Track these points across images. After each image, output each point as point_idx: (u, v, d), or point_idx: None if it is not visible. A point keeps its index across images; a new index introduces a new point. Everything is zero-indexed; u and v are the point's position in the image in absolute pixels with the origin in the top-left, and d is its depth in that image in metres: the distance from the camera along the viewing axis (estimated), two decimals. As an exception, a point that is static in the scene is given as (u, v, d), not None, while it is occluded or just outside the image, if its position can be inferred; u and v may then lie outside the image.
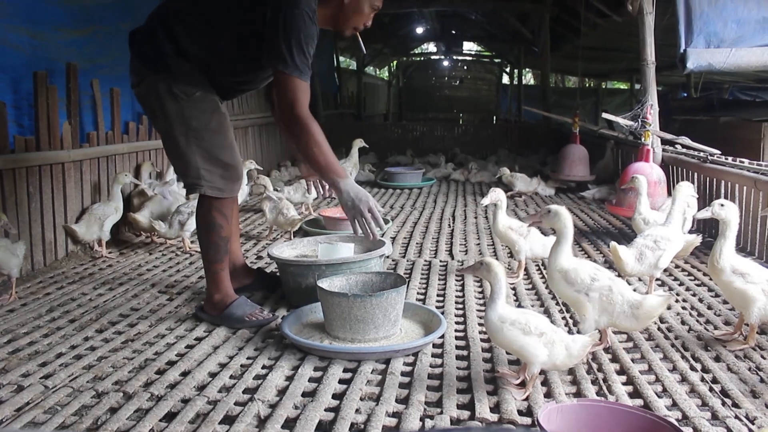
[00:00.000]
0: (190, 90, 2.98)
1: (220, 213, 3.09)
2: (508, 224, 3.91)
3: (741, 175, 4.49)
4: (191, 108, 2.99)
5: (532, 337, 2.31)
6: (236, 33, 2.95)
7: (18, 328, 3.08)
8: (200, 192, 3.06)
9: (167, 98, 2.97)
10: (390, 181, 8.12)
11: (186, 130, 3.00)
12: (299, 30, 2.77)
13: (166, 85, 2.96)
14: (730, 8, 5.36)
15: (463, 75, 21.79)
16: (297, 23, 2.76)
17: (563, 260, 2.68)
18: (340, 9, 3.00)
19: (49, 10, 4.46)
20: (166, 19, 2.99)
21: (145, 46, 3.02)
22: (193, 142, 3.01)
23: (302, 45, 2.79)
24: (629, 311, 2.59)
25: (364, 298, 2.75)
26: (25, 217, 4.04)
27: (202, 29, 2.96)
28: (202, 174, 3.03)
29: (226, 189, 3.10)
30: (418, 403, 2.29)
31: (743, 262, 2.81)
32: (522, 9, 12.07)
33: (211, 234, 3.11)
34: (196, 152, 3.02)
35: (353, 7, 3.00)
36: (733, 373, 2.57)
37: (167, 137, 3.10)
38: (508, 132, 12.56)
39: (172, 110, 2.98)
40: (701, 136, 5.99)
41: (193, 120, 2.99)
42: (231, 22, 2.95)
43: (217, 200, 3.08)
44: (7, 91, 4.09)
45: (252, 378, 2.53)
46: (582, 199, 6.98)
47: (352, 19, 3.05)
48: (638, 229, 4.08)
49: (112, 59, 5.23)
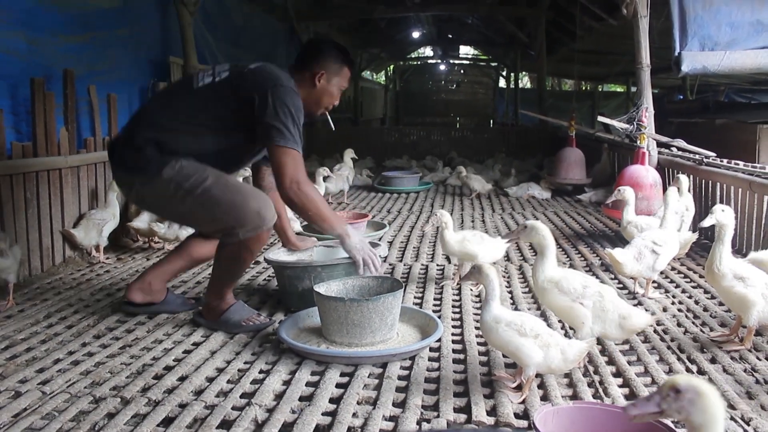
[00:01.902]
0: (177, 164, 2.97)
1: (249, 250, 3.05)
2: (460, 237, 3.78)
3: (736, 177, 4.51)
4: (185, 176, 2.95)
5: (528, 338, 2.31)
6: (223, 126, 3.04)
7: (15, 334, 3.08)
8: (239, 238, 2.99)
9: (162, 188, 2.96)
10: (387, 186, 8.14)
11: (195, 197, 2.95)
12: (290, 105, 2.93)
13: (157, 179, 2.96)
14: (724, 12, 5.39)
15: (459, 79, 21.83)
16: (286, 99, 2.93)
17: (550, 271, 2.68)
18: (311, 93, 3.21)
19: (47, 16, 4.48)
20: (149, 133, 3.00)
21: (133, 160, 3.01)
22: (210, 201, 2.96)
23: (294, 118, 2.94)
24: (618, 321, 2.60)
25: (360, 303, 2.76)
26: (23, 223, 4.04)
27: (188, 131, 3.01)
28: (244, 217, 2.95)
29: (262, 222, 3.01)
30: (415, 407, 2.29)
31: (742, 265, 2.82)
32: (518, 13, 12.11)
33: (237, 266, 3.12)
34: (222, 205, 2.95)
35: (324, 90, 3.23)
36: (728, 374, 2.58)
37: (188, 217, 3.12)
38: (504, 135, 12.60)
39: (171, 193, 2.96)
40: (697, 138, 6.02)
41: (192, 180, 2.95)
42: (216, 117, 3.03)
43: (250, 240, 3.00)
44: (4, 97, 4.10)
45: (249, 382, 2.53)
46: (579, 202, 7.00)
47: (323, 100, 3.28)
48: (630, 236, 4.10)
49: (109, 65, 5.26)
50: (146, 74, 5.85)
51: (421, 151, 11.56)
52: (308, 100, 3.19)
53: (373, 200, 7.42)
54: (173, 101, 3.11)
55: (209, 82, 3.05)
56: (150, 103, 3.23)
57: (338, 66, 3.24)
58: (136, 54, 5.67)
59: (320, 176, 6.34)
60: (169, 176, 2.93)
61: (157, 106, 3.17)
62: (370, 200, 7.43)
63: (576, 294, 2.61)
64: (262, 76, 2.99)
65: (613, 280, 3.92)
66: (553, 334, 2.38)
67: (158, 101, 3.24)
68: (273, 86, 2.93)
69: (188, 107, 3.04)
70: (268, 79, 2.97)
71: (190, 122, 3.01)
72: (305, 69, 3.20)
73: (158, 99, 3.26)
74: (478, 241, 3.76)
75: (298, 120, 2.97)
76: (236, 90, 3.00)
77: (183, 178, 2.93)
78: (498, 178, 8.71)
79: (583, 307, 2.60)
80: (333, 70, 3.22)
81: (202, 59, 6.91)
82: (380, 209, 6.74)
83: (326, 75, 3.20)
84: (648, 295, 3.54)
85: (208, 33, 7.43)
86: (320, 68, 3.18)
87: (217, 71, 3.10)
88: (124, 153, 3.05)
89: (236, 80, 3.03)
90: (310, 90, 3.20)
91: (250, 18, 9.19)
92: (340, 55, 3.25)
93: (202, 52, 7.05)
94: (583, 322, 2.61)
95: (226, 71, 3.09)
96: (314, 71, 3.18)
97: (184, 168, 2.95)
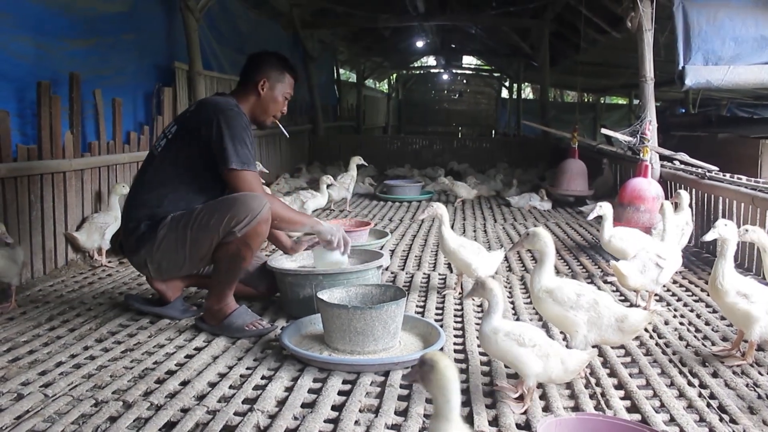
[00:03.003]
0: (167, 219, 3.17)
1: (248, 246, 3.11)
2: (460, 242, 3.79)
3: (738, 191, 4.51)
4: (177, 221, 3.14)
5: (526, 348, 2.32)
6: (195, 172, 3.21)
7: (18, 336, 3.08)
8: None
9: (165, 244, 3.15)
10: (389, 194, 8.15)
11: (191, 227, 3.11)
12: (233, 126, 3.11)
13: (156, 240, 3.16)
14: (729, 26, 5.41)
15: (462, 89, 21.91)
16: (228, 122, 3.11)
17: (546, 280, 2.70)
18: (257, 102, 3.37)
19: (55, 20, 4.50)
20: (139, 212, 3.21)
21: (134, 239, 3.21)
22: (205, 219, 3.09)
23: (242, 138, 3.12)
24: (615, 324, 2.61)
25: (363, 311, 2.76)
26: (26, 225, 4.05)
27: (170, 193, 3.19)
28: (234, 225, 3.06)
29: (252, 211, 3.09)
30: (417, 416, 2.30)
31: (744, 281, 2.83)
32: (522, 24, 12.14)
33: (236, 264, 3.16)
34: (216, 213, 3.08)
35: (269, 98, 3.37)
36: (730, 389, 2.59)
37: (200, 248, 3.15)
38: (506, 146, 12.62)
39: (173, 240, 3.15)
40: (699, 152, 6.02)
41: (183, 219, 3.13)
42: (185, 168, 3.20)
43: (247, 235, 3.07)
44: (11, 100, 4.12)
45: (251, 388, 2.54)
46: (580, 213, 7.00)
47: (271, 108, 3.41)
48: (616, 250, 4.12)
49: (115, 70, 5.27)
50: (152, 79, 5.87)
51: (422, 160, 11.57)
52: (255, 110, 3.38)
53: (375, 208, 7.43)
54: (147, 176, 3.29)
55: (165, 144, 3.27)
56: (131, 188, 3.42)
57: (279, 73, 3.38)
58: (141, 59, 5.69)
59: (323, 184, 6.35)
60: (165, 231, 3.14)
61: (137, 187, 3.35)
62: (371, 208, 7.44)
63: (570, 303, 2.63)
64: (205, 109, 3.20)
65: (615, 293, 3.92)
66: (553, 344, 2.39)
67: (136, 183, 3.41)
68: (216, 114, 3.12)
69: (159, 173, 3.24)
70: (210, 110, 3.17)
71: (168, 186, 3.20)
72: (249, 81, 3.37)
73: (136, 181, 3.44)
74: (475, 252, 3.75)
75: (246, 139, 3.14)
76: (189, 133, 3.20)
77: (176, 223, 3.13)
78: (500, 188, 8.72)
79: (575, 315, 2.61)
80: (275, 78, 3.37)
81: (207, 65, 6.94)
82: (382, 218, 6.74)
83: (269, 83, 3.35)
84: (650, 308, 3.54)
85: (213, 39, 7.46)
86: (261, 76, 3.34)
87: (167, 131, 3.33)
88: (126, 240, 3.27)
89: (185, 126, 3.24)
90: (256, 100, 3.36)
91: (254, 25, 9.23)
92: (279, 63, 3.41)
93: (207, 58, 7.07)
94: (576, 330, 2.62)
95: (174, 125, 3.31)
96: (256, 80, 3.34)
97: (174, 217, 3.14)
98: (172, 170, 3.20)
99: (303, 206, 5.98)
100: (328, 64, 14.93)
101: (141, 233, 3.18)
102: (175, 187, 3.19)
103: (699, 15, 5.42)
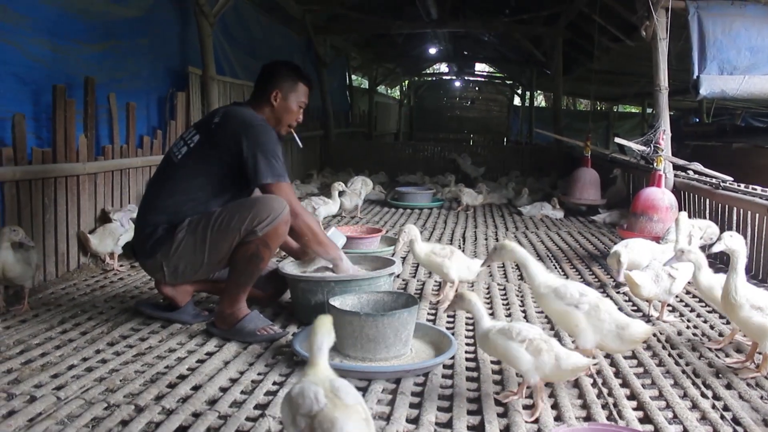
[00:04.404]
0: (185, 222, 3.21)
1: (267, 245, 3.13)
2: (429, 249, 3.86)
3: (753, 202, 4.48)
4: (196, 223, 3.18)
5: (514, 341, 2.36)
6: (216, 182, 3.25)
7: (30, 338, 3.10)
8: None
9: (183, 246, 3.18)
10: (400, 201, 8.14)
11: (212, 229, 3.14)
12: (265, 140, 3.17)
13: (174, 242, 3.18)
14: (744, 36, 5.39)
15: (474, 96, 21.89)
16: (260, 137, 3.16)
17: (543, 278, 2.73)
18: (272, 112, 3.40)
19: (71, 24, 4.53)
20: (155, 217, 3.24)
21: (149, 243, 3.23)
22: (225, 221, 3.12)
23: (274, 152, 3.18)
24: (615, 331, 2.60)
25: (375, 318, 2.76)
26: (39, 227, 4.08)
27: (189, 200, 3.22)
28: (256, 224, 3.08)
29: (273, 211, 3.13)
30: (429, 423, 2.29)
31: (758, 294, 2.80)
32: (535, 32, 12.12)
33: (255, 265, 3.17)
34: (235, 215, 3.11)
35: (284, 108, 3.40)
36: (744, 401, 2.56)
37: (219, 249, 3.17)
38: (519, 154, 12.59)
39: (192, 244, 3.18)
40: (713, 162, 5.99)
41: (203, 222, 3.16)
42: (206, 178, 3.24)
43: (267, 234, 3.10)
44: (27, 103, 4.15)
45: (263, 394, 2.53)
46: (593, 222, 6.97)
47: (285, 118, 3.44)
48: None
49: (129, 74, 5.31)
50: (165, 84, 5.90)
51: (434, 167, 11.56)
52: (270, 121, 3.38)
53: (386, 215, 7.43)
54: (164, 182, 3.31)
55: (186, 152, 3.27)
56: (147, 193, 3.46)
57: (292, 83, 3.41)
58: (155, 63, 5.72)
59: (335, 191, 6.35)
60: (183, 234, 3.16)
61: (153, 192, 3.36)
62: (383, 215, 7.43)
63: (572, 299, 2.64)
64: (232, 124, 3.22)
65: (627, 303, 3.89)
66: (549, 341, 2.40)
67: (152, 188, 3.43)
68: (244, 129, 3.17)
69: (179, 181, 3.25)
70: (238, 125, 3.20)
71: (187, 193, 3.22)
72: (262, 93, 3.40)
73: (152, 186, 3.46)
74: (446, 255, 3.80)
75: (277, 152, 3.20)
76: (214, 147, 3.22)
77: (195, 226, 3.17)
78: (511, 197, 8.70)
79: (577, 310, 2.61)
80: (287, 88, 3.39)
81: (221, 70, 6.97)
82: (393, 224, 6.74)
83: (281, 93, 3.38)
84: (663, 319, 3.52)
85: (226, 44, 7.49)
86: (274, 87, 3.37)
87: (187, 138, 3.33)
88: (141, 244, 3.28)
89: (210, 139, 3.24)
90: (270, 111, 3.39)
91: (268, 30, 9.27)
92: (291, 72, 3.43)
93: (220, 63, 7.10)
94: (576, 325, 2.61)
95: (196, 134, 3.31)
96: (269, 92, 3.37)
97: (192, 220, 3.16)
98: (193, 179, 3.23)
99: (314, 213, 5.97)
100: (341, 70, 14.95)
101: (158, 237, 3.20)
102: (195, 195, 3.22)
103: (714, 24, 5.41)
